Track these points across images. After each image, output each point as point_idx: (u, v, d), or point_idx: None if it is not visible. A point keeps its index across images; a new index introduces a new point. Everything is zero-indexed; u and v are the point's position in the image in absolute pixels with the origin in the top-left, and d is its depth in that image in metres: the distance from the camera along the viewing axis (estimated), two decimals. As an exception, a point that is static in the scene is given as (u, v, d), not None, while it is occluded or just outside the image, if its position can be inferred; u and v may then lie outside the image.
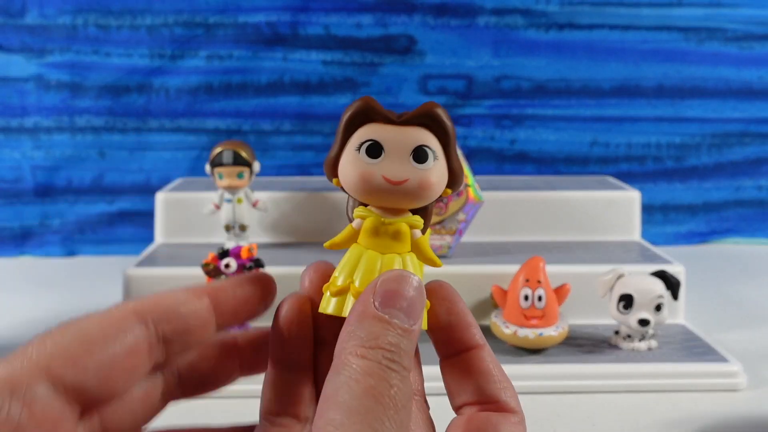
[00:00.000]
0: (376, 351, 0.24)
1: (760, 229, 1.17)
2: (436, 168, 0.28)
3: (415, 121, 0.29)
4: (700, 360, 0.70)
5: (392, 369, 0.24)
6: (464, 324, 0.29)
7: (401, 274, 0.26)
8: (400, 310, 0.25)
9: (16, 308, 0.88)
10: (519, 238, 0.92)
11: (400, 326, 0.25)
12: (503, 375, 0.29)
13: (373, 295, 0.25)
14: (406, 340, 0.25)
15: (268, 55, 1.10)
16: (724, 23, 1.12)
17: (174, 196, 0.92)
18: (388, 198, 0.28)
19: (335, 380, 0.23)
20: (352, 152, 0.28)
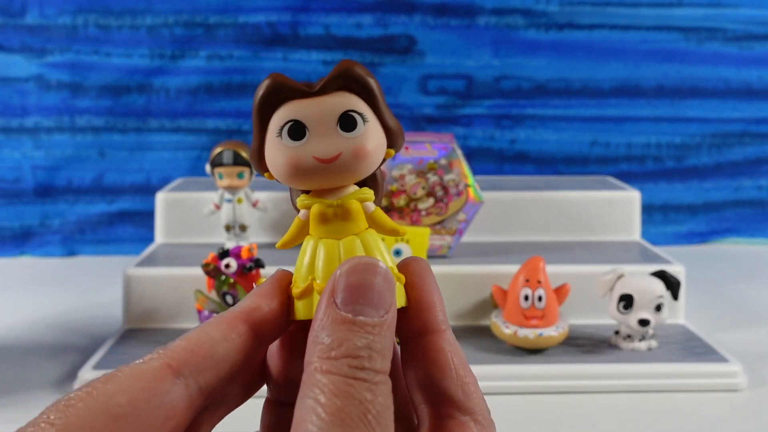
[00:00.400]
0: (341, 362, 0.21)
1: (759, 229, 1.17)
2: (369, 132, 0.25)
3: (332, 86, 0.25)
4: (700, 360, 0.70)
5: (361, 379, 0.21)
6: (427, 302, 0.25)
7: (359, 262, 0.23)
8: (366, 304, 0.22)
9: (16, 308, 0.88)
10: (519, 238, 0.92)
11: (368, 323, 0.22)
12: (464, 367, 0.25)
13: (333, 292, 0.23)
14: (378, 337, 0.22)
15: (269, 55, 1.10)
16: (724, 23, 1.12)
17: (174, 196, 0.92)
18: (325, 179, 0.26)
19: (302, 405, 0.21)
20: (274, 139, 0.25)
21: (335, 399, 0.21)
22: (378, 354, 0.22)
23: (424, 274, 0.26)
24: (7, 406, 0.65)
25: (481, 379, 0.26)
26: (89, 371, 0.67)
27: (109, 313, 0.85)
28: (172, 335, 0.77)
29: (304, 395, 0.21)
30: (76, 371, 0.69)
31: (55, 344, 0.78)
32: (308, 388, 0.21)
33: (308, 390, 0.21)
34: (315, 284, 0.25)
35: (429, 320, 0.25)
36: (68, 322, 0.84)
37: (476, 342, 0.74)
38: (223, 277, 0.70)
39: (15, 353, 0.76)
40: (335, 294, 0.23)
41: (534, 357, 0.70)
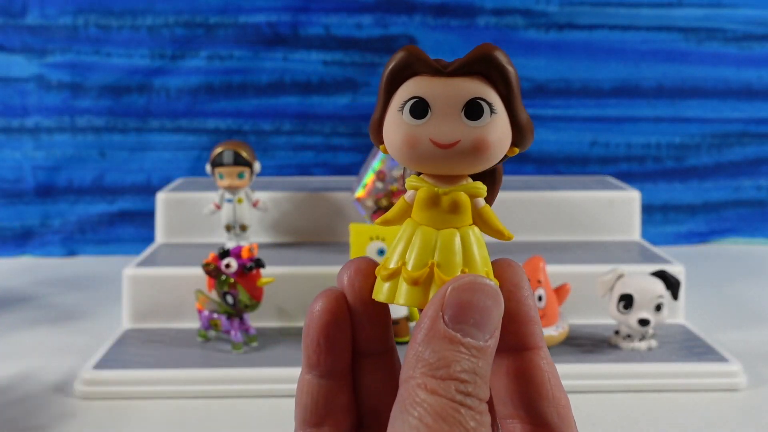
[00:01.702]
0: (448, 384, 0.21)
1: (759, 229, 1.17)
2: (495, 124, 0.24)
3: (467, 69, 0.24)
4: (700, 360, 0.70)
5: (467, 406, 0.21)
6: (525, 317, 0.24)
7: (474, 281, 0.22)
8: (473, 325, 0.22)
9: (16, 308, 0.88)
10: (519, 238, 0.92)
11: (474, 345, 0.21)
12: (559, 388, 0.25)
13: (443, 307, 0.22)
14: (482, 362, 0.21)
15: (269, 56, 1.11)
16: (724, 23, 1.12)
17: (174, 196, 0.92)
18: (439, 164, 0.24)
19: (404, 422, 0.20)
20: (395, 113, 0.24)
21: (442, 423, 0.20)
22: (482, 380, 0.21)
23: (521, 283, 0.25)
24: (7, 406, 0.65)
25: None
26: (89, 371, 0.67)
27: (109, 313, 0.85)
28: (172, 335, 0.77)
29: (406, 411, 0.21)
30: (76, 371, 0.69)
31: (55, 344, 0.78)
32: (411, 406, 0.21)
33: (411, 407, 0.21)
34: (404, 269, 0.24)
35: (527, 335, 0.24)
36: (68, 322, 0.84)
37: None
38: (224, 277, 0.70)
39: (15, 353, 0.76)
40: (444, 310, 0.22)
41: (534, 357, 0.70)
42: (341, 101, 1.12)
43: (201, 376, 0.67)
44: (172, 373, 0.67)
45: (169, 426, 0.62)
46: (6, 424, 0.62)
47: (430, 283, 0.24)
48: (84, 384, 0.66)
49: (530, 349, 0.25)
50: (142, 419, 0.63)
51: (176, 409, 0.64)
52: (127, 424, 0.62)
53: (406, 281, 0.24)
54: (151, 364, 0.69)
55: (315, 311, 0.25)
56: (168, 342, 0.74)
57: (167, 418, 0.63)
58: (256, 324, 0.75)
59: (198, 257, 0.78)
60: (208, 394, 0.66)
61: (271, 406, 0.64)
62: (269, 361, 0.69)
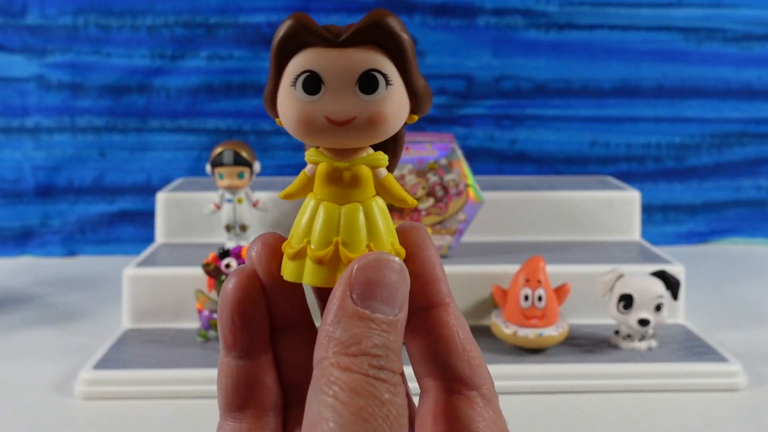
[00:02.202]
0: (360, 359, 0.21)
1: (759, 229, 1.17)
2: (391, 96, 0.23)
3: (359, 38, 0.23)
4: (700, 360, 0.70)
5: (381, 379, 0.21)
6: (429, 276, 0.25)
7: (378, 258, 0.22)
8: (381, 301, 0.22)
9: (16, 308, 0.88)
10: (519, 238, 0.92)
11: (383, 320, 0.22)
12: (469, 341, 0.25)
13: (350, 286, 0.22)
14: (392, 336, 0.22)
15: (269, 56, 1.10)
16: (724, 23, 1.12)
17: (174, 196, 0.92)
18: (336, 140, 0.24)
19: (319, 401, 0.21)
20: (288, 88, 0.23)
21: (357, 398, 0.21)
22: (394, 353, 0.22)
23: (424, 244, 0.25)
24: (7, 406, 0.65)
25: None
26: (89, 371, 0.67)
27: (109, 313, 0.85)
28: (172, 335, 0.77)
29: (321, 391, 0.21)
30: (76, 371, 0.69)
31: (55, 344, 0.78)
32: (326, 384, 0.21)
33: (326, 386, 0.21)
34: (309, 248, 0.24)
35: (433, 293, 0.25)
36: (68, 322, 0.84)
37: (476, 342, 0.74)
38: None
39: (15, 353, 0.76)
40: (352, 288, 0.22)
41: (534, 357, 0.71)
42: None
43: (201, 376, 0.67)
44: (172, 373, 0.67)
45: (169, 426, 0.62)
46: (6, 424, 0.62)
47: (336, 263, 0.24)
48: (84, 384, 0.66)
49: (437, 306, 0.25)
50: (142, 419, 0.63)
51: (176, 409, 0.64)
52: (127, 424, 0.62)
53: (312, 260, 0.24)
54: (151, 364, 0.69)
55: (227, 290, 0.25)
56: (168, 342, 0.74)
57: (167, 418, 0.63)
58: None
59: (198, 257, 0.78)
60: (208, 394, 0.66)
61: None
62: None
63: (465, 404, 0.24)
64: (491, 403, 0.25)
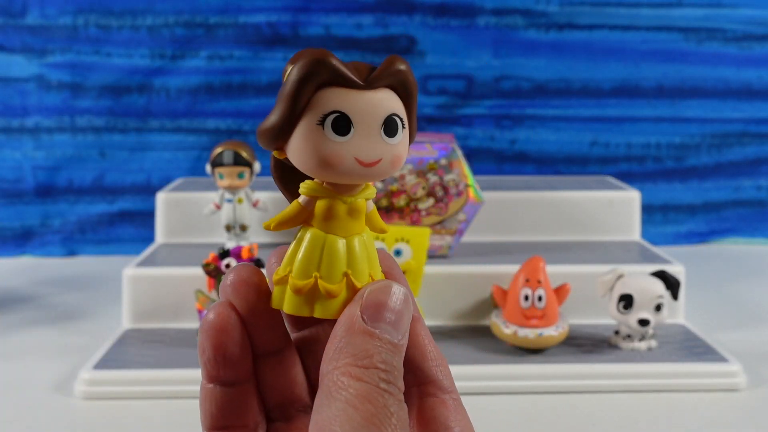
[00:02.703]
0: (372, 372, 0.22)
1: (759, 229, 1.17)
2: (405, 139, 0.25)
3: (382, 82, 0.24)
4: (700, 360, 0.70)
5: (390, 393, 0.22)
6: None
7: (388, 285, 0.24)
8: (389, 324, 0.23)
9: (16, 308, 0.88)
10: (519, 238, 0.92)
11: (390, 341, 0.23)
12: (437, 351, 0.27)
13: (362, 308, 0.23)
14: (397, 356, 0.23)
15: (269, 56, 1.11)
16: (724, 23, 1.12)
17: (174, 196, 0.92)
18: (359, 179, 0.24)
19: (330, 406, 0.22)
20: (314, 127, 0.23)
21: (368, 405, 0.22)
22: (399, 373, 0.23)
23: (391, 264, 0.27)
24: (7, 406, 0.65)
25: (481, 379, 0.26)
26: (89, 371, 0.67)
27: (109, 313, 0.85)
28: (172, 335, 0.77)
29: (332, 396, 0.22)
30: (76, 371, 0.69)
31: (55, 344, 0.78)
32: (337, 391, 0.22)
33: (337, 392, 0.22)
34: (320, 282, 0.24)
35: None
36: (68, 322, 0.84)
37: (476, 342, 0.74)
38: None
39: (15, 353, 0.76)
40: (363, 310, 0.23)
41: (534, 357, 0.71)
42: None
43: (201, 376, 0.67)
44: (172, 373, 0.67)
45: (169, 426, 0.62)
46: (6, 424, 0.62)
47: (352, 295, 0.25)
48: (84, 384, 0.66)
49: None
50: (142, 419, 0.63)
51: (176, 409, 0.64)
52: (127, 424, 0.62)
53: (325, 294, 0.24)
54: (151, 364, 0.69)
55: (206, 327, 0.25)
56: (168, 342, 0.74)
57: (167, 418, 0.63)
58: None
59: (198, 257, 0.78)
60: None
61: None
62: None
63: (441, 407, 0.26)
64: (461, 407, 0.26)
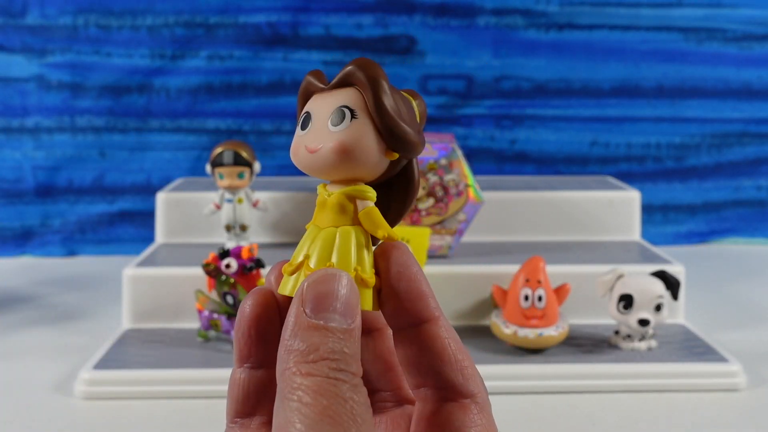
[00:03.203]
0: (320, 364, 0.22)
1: (759, 229, 1.17)
2: (352, 128, 0.25)
3: (342, 82, 0.26)
4: (700, 360, 0.70)
5: (342, 380, 0.22)
6: (416, 293, 0.26)
7: (326, 273, 0.24)
8: (333, 312, 0.23)
9: (16, 308, 0.88)
10: (519, 238, 0.92)
11: (338, 329, 0.23)
12: (460, 351, 0.26)
13: (302, 302, 0.23)
14: (348, 343, 0.23)
15: (269, 56, 1.11)
16: (724, 23, 1.12)
17: (174, 196, 0.92)
18: (312, 169, 0.27)
19: (285, 407, 0.22)
20: (298, 128, 0.27)
21: (321, 398, 0.21)
22: (352, 358, 0.23)
23: (407, 261, 0.26)
24: (7, 406, 0.65)
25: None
26: (89, 371, 0.67)
27: (109, 313, 0.85)
28: (172, 335, 0.77)
29: (285, 398, 0.22)
30: (76, 371, 0.69)
31: (55, 344, 0.78)
32: (290, 391, 0.22)
33: (290, 393, 0.22)
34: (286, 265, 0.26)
35: (421, 309, 0.26)
36: (68, 322, 0.84)
37: (476, 342, 0.74)
38: (224, 277, 0.70)
39: (15, 353, 0.76)
40: (304, 304, 0.23)
41: (534, 357, 0.71)
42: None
43: (201, 376, 0.67)
44: (172, 373, 0.67)
45: (169, 426, 0.62)
46: (6, 424, 0.62)
47: (299, 276, 0.26)
48: (84, 384, 0.66)
49: (427, 321, 0.26)
50: (142, 419, 0.63)
51: (176, 409, 0.64)
52: (127, 424, 0.62)
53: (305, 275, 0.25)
54: (151, 364, 0.69)
55: (245, 306, 0.26)
56: (168, 342, 0.74)
57: (167, 418, 0.63)
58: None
59: (198, 257, 0.78)
60: (208, 394, 0.66)
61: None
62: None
63: (459, 411, 0.25)
64: (485, 411, 0.25)
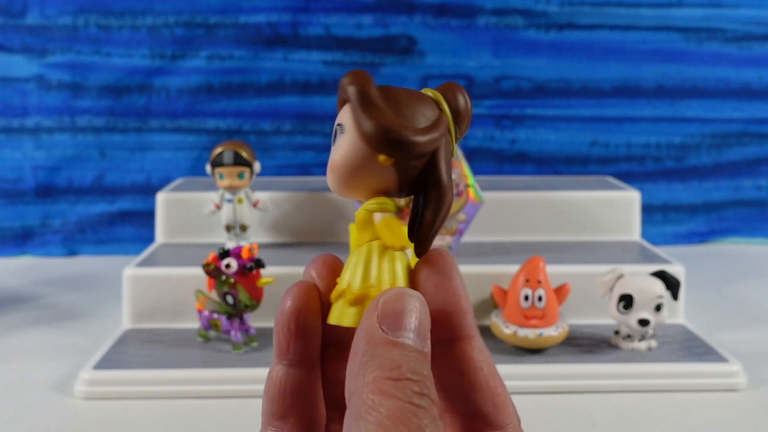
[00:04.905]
0: (403, 384, 0.20)
1: (759, 228, 1.17)
2: (339, 142, 0.25)
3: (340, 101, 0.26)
4: (700, 360, 0.70)
5: (423, 408, 0.20)
6: (454, 306, 0.24)
7: (401, 292, 0.22)
8: (411, 330, 0.22)
9: (16, 308, 0.88)
10: (519, 238, 0.92)
11: (416, 348, 0.21)
12: (493, 377, 0.24)
13: (378, 318, 0.22)
14: (426, 365, 0.21)
15: (269, 56, 1.11)
16: (724, 23, 1.12)
17: (174, 196, 0.92)
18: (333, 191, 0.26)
19: (361, 426, 0.20)
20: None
21: (401, 426, 0.20)
22: (431, 382, 0.21)
23: (450, 273, 0.24)
24: (7, 406, 0.65)
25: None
26: (89, 371, 0.67)
27: (109, 313, 0.85)
28: (172, 335, 0.77)
29: (361, 417, 0.20)
30: (76, 371, 0.69)
31: (55, 344, 0.78)
32: (367, 412, 0.20)
33: (367, 413, 0.20)
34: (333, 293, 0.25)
35: (457, 325, 0.24)
36: (68, 322, 0.84)
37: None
38: (224, 277, 0.70)
39: (15, 353, 0.76)
40: (381, 320, 0.22)
41: (534, 357, 0.71)
42: (341, 101, 1.12)
43: (201, 376, 0.67)
44: (172, 373, 0.67)
45: (169, 426, 0.62)
46: (6, 424, 0.62)
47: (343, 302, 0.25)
48: (84, 384, 0.66)
49: (462, 339, 0.24)
50: (142, 419, 0.63)
51: (176, 409, 0.64)
52: (127, 424, 0.62)
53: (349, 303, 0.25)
54: (151, 364, 0.69)
55: (286, 299, 0.25)
56: (168, 342, 0.74)
57: (167, 418, 0.63)
58: (256, 324, 0.75)
59: (198, 257, 0.78)
60: (208, 394, 0.66)
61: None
62: (269, 361, 0.69)
63: None
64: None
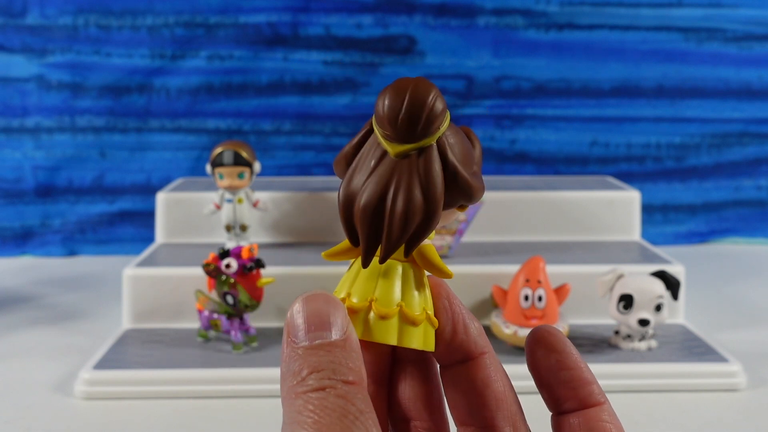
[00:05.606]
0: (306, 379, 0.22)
1: (759, 228, 1.17)
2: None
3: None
4: (700, 360, 0.70)
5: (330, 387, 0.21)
6: (579, 380, 0.26)
7: (306, 295, 0.23)
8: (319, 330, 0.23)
9: (16, 308, 0.88)
10: (519, 238, 0.92)
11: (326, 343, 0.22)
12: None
13: (289, 332, 0.23)
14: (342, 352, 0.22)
15: (269, 56, 1.11)
16: (724, 23, 1.12)
17: (174, 196, 0.92)
18: None
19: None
20: None
21: (312, 414, 0.21)
22: (343, 366, 0.22)
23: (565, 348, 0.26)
24: (7, 406, 0.65)
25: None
26: (89, 371, 0.67)
27: (109, 313, 0.85)
28: (172, 335, 0.77)
29: (286, 423, 0.21)
30: (76, 371, 0.69)
31: (55, 344, 0.78)
32: (287, 415, 0.21)
33: (288, 417, 0.21)
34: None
35: (584, 397, 0.26)
36: (68, 322, 0.84)
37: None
38: (224, 277, 0.70)
39: (15, 353, 0.76)
40: (291, 333, 0.23)
41: (534, 357, 0.70)
42: (341, 101, 1.12)
43: (201, 376, 0.67)
44: (172, 373, 0.67)
45: (169, 426, 0.62)
46: (6, 424, 0.62)
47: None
48: (84, 384, 0.66)
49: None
50: (142, 419, 0.63)
51: (176, 409, 0.64)
52: (127, 424, 0.62)
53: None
54: (151, 364, 0.69)
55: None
56: (168, 342, 0.74)
57: (167, 418, 0.63)
58: (256, 324, 0.75)
59: (198, 257, 0.78)
60: (208, 394, 0.66)
61: (271, 406, 0.64)
62: (269, 361, 0.69)
63: None
64: None
